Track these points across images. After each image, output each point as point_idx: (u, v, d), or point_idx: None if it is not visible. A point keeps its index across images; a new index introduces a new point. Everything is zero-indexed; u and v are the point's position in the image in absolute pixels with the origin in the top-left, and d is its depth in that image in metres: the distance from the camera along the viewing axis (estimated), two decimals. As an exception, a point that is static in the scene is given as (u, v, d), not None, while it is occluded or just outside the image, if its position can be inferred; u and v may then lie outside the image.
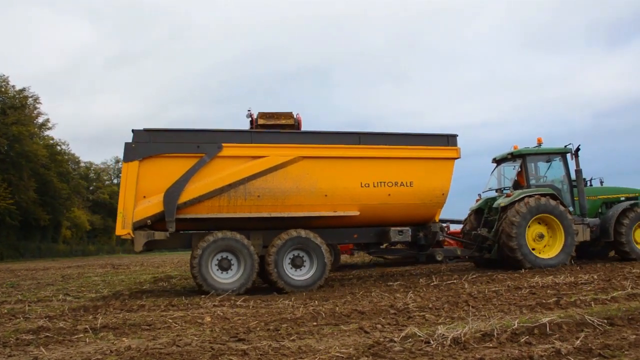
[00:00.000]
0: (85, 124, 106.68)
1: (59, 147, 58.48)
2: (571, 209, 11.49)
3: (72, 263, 31.66)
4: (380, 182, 9.99)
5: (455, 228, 14.13)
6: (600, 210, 12.18)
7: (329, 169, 9.81)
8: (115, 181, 74.87)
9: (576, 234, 10.94)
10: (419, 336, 4.65)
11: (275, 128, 10.28)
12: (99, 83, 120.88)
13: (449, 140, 10.44)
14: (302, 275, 9.71)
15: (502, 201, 10.93)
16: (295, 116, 10.41)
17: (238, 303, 7.87)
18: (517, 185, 11.74)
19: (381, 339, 4.69)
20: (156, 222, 9.16)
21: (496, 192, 12.38)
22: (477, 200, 12.69)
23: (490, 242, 11.33)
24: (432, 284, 9.25)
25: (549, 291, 7.37)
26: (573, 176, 11.86)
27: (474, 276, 9.93)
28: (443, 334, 4.56)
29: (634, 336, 4.40)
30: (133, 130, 9.30)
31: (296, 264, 9.70)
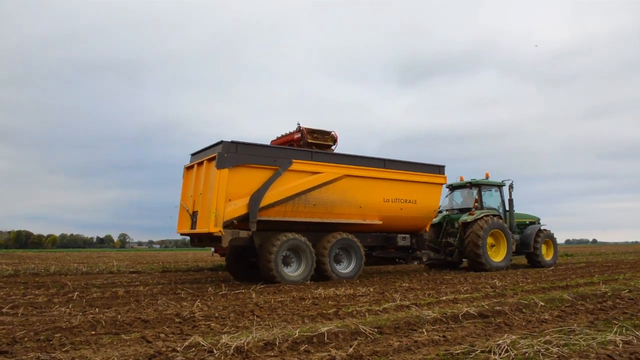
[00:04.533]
0: None
1: None
2: None
3: None
4: (397, 199, 12.85)
5: None
6: (516, 230, 16.53)
7: (363, 186, 12.33)
8: None
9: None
10: (203, 345, 4.63)
11: (321, 145, 12.43)
12: None
13: (439, 169, 13.76)
14: (344, 268, 12.06)
15: (467, 218, 14.45)
16: (332, 134, 12.73)
17: (4, 310, 7.26)
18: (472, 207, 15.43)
19: (163, 349, 4.61)
20: (240, 222, 10.66)
21: (446, 211, 16.00)
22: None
23: (452, 248, 14.84)
24: (221, 292, 9.33)
25: (329, 302, 7.79)
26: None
27: (262, 286, 10.22)
28: (227, 343, 4.60)
29: (398, 343, 4.80)
30: (222, 142, 10.64)
31: (337, 259, 11.99)
